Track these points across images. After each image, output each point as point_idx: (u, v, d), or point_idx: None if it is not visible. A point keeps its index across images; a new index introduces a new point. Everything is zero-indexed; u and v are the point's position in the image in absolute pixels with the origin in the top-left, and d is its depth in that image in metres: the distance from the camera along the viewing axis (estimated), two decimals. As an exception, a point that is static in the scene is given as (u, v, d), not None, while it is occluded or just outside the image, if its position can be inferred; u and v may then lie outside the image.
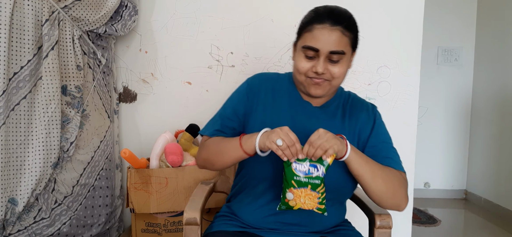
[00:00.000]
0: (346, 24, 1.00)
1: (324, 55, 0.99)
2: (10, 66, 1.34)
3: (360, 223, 1.25)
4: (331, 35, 0.98)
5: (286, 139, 0.92)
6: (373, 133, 1.11)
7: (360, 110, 1.13)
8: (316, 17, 1.01)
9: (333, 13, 1.00)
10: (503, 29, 3.14)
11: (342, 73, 1.03)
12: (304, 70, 1.02)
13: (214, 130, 1.12)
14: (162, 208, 1.59)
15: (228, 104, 1.15)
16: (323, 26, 0.98)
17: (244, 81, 1.17)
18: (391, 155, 1.10)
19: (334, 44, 0.98)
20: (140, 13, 1.84)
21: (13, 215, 1.40)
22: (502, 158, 3.11)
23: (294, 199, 0.96)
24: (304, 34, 1.02)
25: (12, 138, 1.38)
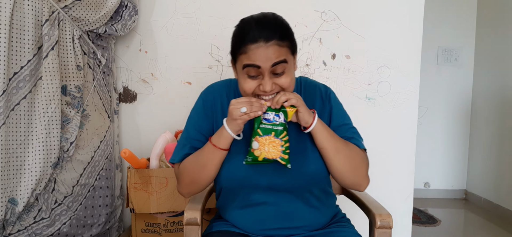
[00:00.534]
0: (280, 35, 0.96)
1: (267, 71, 0.95)
2: (10, 66, 1.34)
3: (360, 223, 1.25)
4: (268, 51, 0.94)
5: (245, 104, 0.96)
6: (332, 117, 1.11)
7: (314, 97, 1.13)
8: (247, 36, 0.95)
9: (263, 27, 0.95)
10: (503, 29, 3.14)
11: (290, 81, 0.99)
12: (251, 90, 0.99)
13: (184, 155, 1.10)
14: (162, 208, 1.59)
15: (190, 125, 1.13)
16: (258, 45, 0.94)
17: (198, 98, 1.16)
18: (353, 134, 1.11)
19: (273, 57, 0.94)
20: (140, 13, 1.84)
21: (13, 215, 1.40)
22: (502, 158, 3.11)
23: (259, 148, 0.98)
24: (240, 56, 0.97)
25: (12, 138, 1.38)
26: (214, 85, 1.18)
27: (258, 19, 0.99)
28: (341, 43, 1.85)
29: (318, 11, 1.84)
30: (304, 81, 1.17)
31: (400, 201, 1.92)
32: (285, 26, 1.00)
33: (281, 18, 1.01)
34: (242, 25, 1.00)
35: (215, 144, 1.02)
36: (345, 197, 1.38)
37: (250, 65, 0.95)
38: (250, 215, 1.09)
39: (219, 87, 1.17)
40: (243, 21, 1.01)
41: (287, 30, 1.00)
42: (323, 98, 1.13)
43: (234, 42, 1.01)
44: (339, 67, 1.87)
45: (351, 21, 1.85)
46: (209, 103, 1.13)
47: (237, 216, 1.12)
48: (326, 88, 1.16)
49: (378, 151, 1.88)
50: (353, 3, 1.84)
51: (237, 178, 1.07)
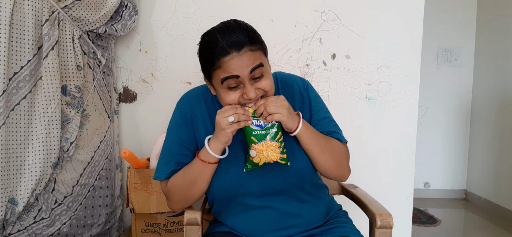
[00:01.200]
0: (249, 40, 0.94)
1: (246, 78, 0.94)
2: (10, 66, 1.34)
3: (360, 223, 1.25)
4: (243, 59, 0.92)
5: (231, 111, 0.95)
6: (312, 110, 1.11)
7: (292, 92, 1.12)
8: (218, 51, 0.93)
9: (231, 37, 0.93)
10: (503, 29, 3.14)
11: (270, 82, 0.98)
12: (235, 102, 0.97)
13: (170, 172, 1.07)
14: (162, 208, 1.59)
15: (171, 139, 1.10)
16: (231, 56, 0.92)
17: (175, 109, 1.13)
18: (334, 128, 1.12)
19: (249, 64, 0.93)
20: (140, 13, 1.84)
21: (13, 215, 1.40)
22: (502, 158, 3.11)
23: (257, 155, 0.98)
24: (214, 71, 0.95)
25: (12, 138, 1.38)
26: (189, 93, 1.15)
27: (222, 30, 0.95)
28: (341, 43, 1.86)
29: (318, 11, 1.84)
30: (280, 76, 1.15)
31: (400, 201, 1.92)
32: (251, 29, 0.97)
33: (244, 23, 0.98)
34: (207, 41, 0.97)
35: (203, 158, 1.01)
36: (345, 197, 1.38)
37: (228, 77, 0.93)
38: (247, 220, 1.09)
39: (195, 95, 1.13)
40: (207, 36, 0.98)
41: (254, 33, 0.97)
42: (302, 93, 1.12)
43: (205, 60, 0.98)
44: (339, 67, 1.87)
45: (351, 21, 1.85)
46: (188, 113, 1.10)
47: (234, 222, 1.11)
48: (303, 82, 1.15)
49: (378, 151, 1.88)
50: (353, 3, 1.84)
51: (228, 187, 1.06)
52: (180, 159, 1.08)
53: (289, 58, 1.85)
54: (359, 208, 1.25)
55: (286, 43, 1.84)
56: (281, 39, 1.84)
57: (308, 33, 1.85)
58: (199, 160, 1.02)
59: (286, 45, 1.84)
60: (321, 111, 1.13)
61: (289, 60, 1.85)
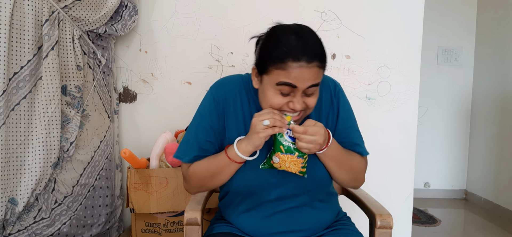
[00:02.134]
0: (320, 58, 0.92)
1: (300, 91, 0.92)
2: (10, 66, 1.34)
3: (360, 223, 1.25)
4: (309, 72, 0.90)
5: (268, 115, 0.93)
6: (339, 118, 1.10)
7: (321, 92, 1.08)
8: (290, 53, 0.89)
9: (306, 46, 0.90)
10: (503, 29, 3.14)
11: (316, 101, 0.98)
12: (279, 106, 0.95)
13: (193, 157, 1.05)
14: (162, 208, 1.59)
15: (200, 123, 1.06)
16: (300, 64, 0.89)
17: (208, 94, 1.09)
18: (358, 140, 1.11)
19: (311, 80, 0.91)
20: (140, 13, 1.84)
21: (13, 215, 1.40)
22: (502, 158, 3.11)
23: (279, 162, 0.98)
24: (275, 70, 0.91)
25: (12, 138, 1.38)
26: (224, 81, 1.11)
27: (298, 33, 0.93)
28: (341, 43, 1.85)
29: (318, 11, 1.84)
30: None
31: (400, 201, 1.92)
32: (323, 47, 0.95)
33: (318, 37, 0.96)
34: (279, 37, 0.93)
35: (231, 157, 1.00)
36: (345, 197, 1.38)
37: (286, 84, 0.91)
38: (254, 218, 1.09)
39: (230, 84, 1.09)
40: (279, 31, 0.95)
41: (325, 53, 0.95)
42: (332, 98, 1.10)
43: (269, 54, 0.93)
44: (339, 67, 1.87)
45: (351, 21, 1.85)
46: (221, 100, 1.06)
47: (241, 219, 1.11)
48: (335, 85, 1.13)
49: (378, 151, 1.88)
50: (353, 3, 1.84)
51: (248, 184, 1.07)
52: (206, 146, 1.05)
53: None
54: (359, 208, 1.25)
55: (286, 43, 1.84)
56: (281, 39, 1.84)
57: (308, 33, 1.85)
58: (226, 156, 1.00)
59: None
60: (348, 120, 1.11)
61: (289, 60, 1.85)
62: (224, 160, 1.01)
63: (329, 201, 1.15)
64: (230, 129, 1.06)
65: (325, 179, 1.09)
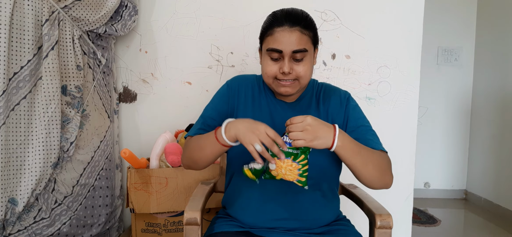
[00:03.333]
0: (304, 24, 1.05)
1: (288, 55, 1.04)
2: (10, 66, 1.34)
3: (360, 223, 1.25)
4: (292, 35, 1.03)
5: (265, 141, 0.92)
6: (349, 117, 1.14)
7: (331, 96, 1.17)
8: (275, 21, 1.05)
9: (290, 15, 1.05)
10: (503, 29, 3.14)
11: (307, 71, 1.06)
12: (272, 73, 1.07)
13: (196, 129, 1.14)
14: (162, 208, 1.59)
15: (210, 105, 1.19)
16: (283, 28, 1.03)
17: (224, 84, 1.21)
18: (372, 137, 1.11)
19: (295, 43, 1.03)
20: (140, 13, 1.84)
21: (13, 215, 1.40)
22: (502, 158, 3.11)
23: (276, 169, 0.98)
24: (266, 38, 1.07)
25: (12, 138, 1.38)
26: (241, 76, 1.24)
27: (287, 10, 1.07)
28: (341, 43, 1.86)
29: (318, 11, 1.84)
30: (326, 85, 1.22)
31: (400, 201, 1.92)
32: (310, 19, 1.08)
33: (307, 14, 1.09)
34: (272, 14, 1.09)
35: (218, 138, 1.01)
36: (345, 197, 1.38)
37: (273, 50, 1.04)
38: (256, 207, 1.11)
39: (245, 80, 1.21)
40: (274, 11, 1.09)
41: (311, 22, 1.08)
42: (342, 101, 1.17)
43: (263, 27, 1.09)
44: (339, 67, 1.87)
45: (351, 21, 1.85)
46: (234, 89, 1.18)
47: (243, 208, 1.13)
48: (346, 93, 1.20)
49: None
50: (353, 3, 1.84)
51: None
52: (209, 121, 1.15)
53: (289, 58, 1.85)
54: (359, 208, 1.25)
55: (286, 43, 1.84)
56: (281, 39, 1.84)
57: (308, 33, 1.85)
58: (214, 134, 1.02)
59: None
60: (359, 120, 1.14)
61: (289, 60, 1.85)
62: (212, 137, 1.03)
63: (331, 198, 1.16)
64: (240, 112, 1.16)
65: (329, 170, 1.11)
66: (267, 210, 1.10)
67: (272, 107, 1.16)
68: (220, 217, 1.21)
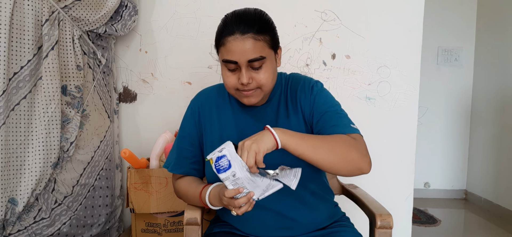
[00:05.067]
0: (258, 28, 0.95)
1: (244, 65, 0.96)
2: (10, 66, 1.34)
3: (360, 223, 1.25)
4: (244, 44, 0.94)
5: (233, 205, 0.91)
6: (314, 106, 1.06)
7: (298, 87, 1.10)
8: (225, 28, 0.97)
9: (241, 20, 0.96)
10: (503, 29, 3.14)
11: (268, 78, 0.99)
12: (232, 84, 1.00)
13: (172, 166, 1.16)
14: (162, 208, 1.59)
15: (180, 134, 1.17)
16: (234, 37, 0.94)
17: (188, 106, 1.18)
18: (337, 121, 1.03)
19: (249, 52, 0.94)
20: (140, 13, 1.84)
21: (13, 215, 1.40)
22: (502, 158, 3.11)
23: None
24: (220, 48, 1.00)
25: (12, 138, 1.38)
26: (203, 92, 1.20)
27: (238, 13, 0.99)
28: (341, 43, 1.85)
29: (318, 11, 1.84)
30: (292, 77, 1.15)
31: (400, 201, 1.92)
32: (264, 20, 0.99)
33: (261, 13, 1.00)
34: (223, 19, 1.01)
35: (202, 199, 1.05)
36: (345, 197, 1.38)
37: (228, 61, 0.97)
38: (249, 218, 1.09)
39: (207, 94, 1.18)
40: (226, 15, 1.01)
41: (266, 23, 0.99)
42: (305, 89, 1.09)
43: (216, 35, 1.02)
44: (339, 67, 1.87)
45: (351, 21, 1.85)
46: (197, 110, 1.15)
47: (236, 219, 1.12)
48: (310, 81, 1.11)
49: (378, 151, 1.87)
50: (353, 3, 1.84)
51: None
52: (184, 153, 1.15)
53: (289, 58, 1.85)
54: (359, 208, 1.25)
55: (286, 43, 1.84)
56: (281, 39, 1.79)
57: (308, 33, 1.85)
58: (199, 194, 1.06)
59: (286, 45, 1.84)
60: (324, 105, 1.06)
61: (289, 60, 1.85)
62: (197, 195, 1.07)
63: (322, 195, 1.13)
64: (206, 137, 1.13)
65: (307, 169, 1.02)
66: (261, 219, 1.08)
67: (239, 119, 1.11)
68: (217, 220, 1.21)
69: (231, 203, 0.91)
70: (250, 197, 0.90)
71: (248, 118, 1.10)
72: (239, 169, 0.89)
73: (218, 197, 0.99)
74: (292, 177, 0.93)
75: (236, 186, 0.90)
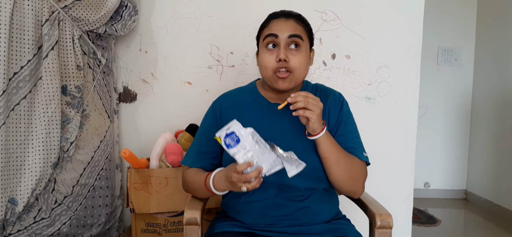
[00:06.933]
0: (299, 17, 1.12)
1: (283, 41, 1.07)
2: (10, 66, 1.34)
3: (361, 223, 1.25)
4: (287, 23, 1.09)
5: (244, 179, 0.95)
6: (341, 122, 1.16)
7: (327, 97, 1.18)
8: (271, 16, 1.13)
9: (285, 10, 1.13)
10: (503, 29, 3.14)
11: (301, 63, 1.08)
12: (270, 64, 1.08)
13: (192, 161, 1.20)
14: (162, 208, 1.59)
15: (201, 131, 1.23)
16: (278, 19, 1.10)
17: (209, 106, 1.24)
18: (357, 145, 1.15)
19: (290, 29, 1.07)
20: (140, 13, 1.84)
21: (13, 215, 1.40)
22: (502, 158, 3.11)
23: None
24: (263, 31, 1.12)
25: (12, 138, 1.38)
26: (225, 93, 1.26)
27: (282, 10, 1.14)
28: (341, 43, 1.86)
29: (318, 11, 1.84)
30: (320, 86, 1.24)
31: (400, 201, 1.92)
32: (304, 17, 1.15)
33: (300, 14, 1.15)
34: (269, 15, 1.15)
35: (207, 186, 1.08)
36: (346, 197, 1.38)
37: (269, 34, 1.08)
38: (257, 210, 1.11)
39: (229, 95, 1.24)
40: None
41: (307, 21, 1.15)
42: (336, 100, 1.18)
43: (260, 26, 1.15)
44: (339, 67, 1.87)
45: (351, 21, 1.85)
46: (218, 109, 1.20)
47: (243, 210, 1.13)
48: (340, 95, 1.21)
49: (378, 151, 1.88)
50: (353, 3, 1.84)
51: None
52: (203, 148, 1.19)
53: (289, 58, 1.85)
54: (359, 208, 1.25)
55: (286, 43, 1.84)
56: (281, 39, 1.84)
57: (308, 33, 1.85)
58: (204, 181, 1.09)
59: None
60: (349, 126, 1.17)
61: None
62: (202, 182, 1.10)
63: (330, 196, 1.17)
64: None
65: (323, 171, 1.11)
66: (268, 213, 1.10)
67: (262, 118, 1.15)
68: (220, 217, 1.21)
69: (242, 177, 0.95)
70: (260, 170, 0.95)
71: (272, 115, 1.14)
72: (248, 143, 0.95)
73: (223, 180, 1.03)
74: (295, 167, 0.99)
75: (247, 161, 0.94)
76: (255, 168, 0.95)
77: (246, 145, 0.95)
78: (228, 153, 0.96)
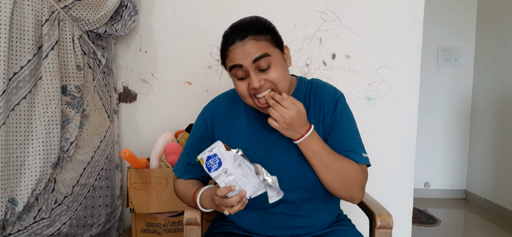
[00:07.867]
0: (255, 31, 0.97)
1: (251, 68, 0.96)
2: (10, 66, 1.34)
3: (361, 223, 1.25)
4: (246, 47, 0.95)
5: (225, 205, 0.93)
6: (334, 124, 1.07)
7: (322, 95, 1.10)
8: (226, 42, 0.99)
9: (238, 29, 0.98)
10: (503, 29, 3.14)
11: (279, 75, 0.98)
12: (245, 92, 0.99)
13: (181, 172, 1.17)
14: (162, 208, 1.59)
15: (191, 141, 1.18)
16: (235, 45, 0.96)
17: (199, 115, 1.20)
18: (353, 148, 1.06)
19: (252, 52, 0.95)
20: (140, 13, 1.84)
21: (13, 215, 1.40)
22: (502, 158, 3.11)
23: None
24: (226, 62, 1.01)
25: (12, 138, 1.38)
26: (216, 98, 1.21)
27: (235, 24, 1.01)
28: (341, 43, 1.85)
29: (318, 11, 1.84)
30: (315, 83, 1.14)
31: (400, 201, 1.92)
32: (261, 22, 1.00)
33: (257, 17, 1.02)
34: (223, 35, 1.02)
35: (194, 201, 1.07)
36: (345, 197, 1.38)
37: (233, 66, 0.97)
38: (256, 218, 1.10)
39: (220, 100, 1.19)
40: (224, 31, 1.02)
41: (263, 25, 1.00)
42: (330, 101, 1.09)
43: (220, 53, 1.03)
44: (339, 67, 1.87)
45: (351, 21, 1.85)
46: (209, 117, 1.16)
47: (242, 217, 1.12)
48: (335, 92, 1.11)
49: (378, 151, 1.87)
50: (353, 3, 1.84)
51: None
52: (192, 160, 1.14)
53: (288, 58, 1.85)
54: (359, 208, 1.25)
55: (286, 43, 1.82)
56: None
57: (308, 33, 1.85)
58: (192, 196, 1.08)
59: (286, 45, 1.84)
60: (344, 126, 1.08)
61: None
62: (191, 197, 1.09)
63: (331, 202, 1.14)
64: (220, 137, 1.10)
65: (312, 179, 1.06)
66: (267, 220, 1.08)
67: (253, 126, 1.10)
68: (220, 218, 1.21)
69: (223, 202, 0.93)
70: (242, 195, 0.92)
71: (262, 127, 1.09)
72: (230, 166, 0.91)
73: (209, 200, 1.01)
74: (276, 194, 0.96)
75: (228, 184, 0.92)
76: (237, 193, 0.92)
77: (227, 168, 0.91)
78: (210, 176, 0.93)
